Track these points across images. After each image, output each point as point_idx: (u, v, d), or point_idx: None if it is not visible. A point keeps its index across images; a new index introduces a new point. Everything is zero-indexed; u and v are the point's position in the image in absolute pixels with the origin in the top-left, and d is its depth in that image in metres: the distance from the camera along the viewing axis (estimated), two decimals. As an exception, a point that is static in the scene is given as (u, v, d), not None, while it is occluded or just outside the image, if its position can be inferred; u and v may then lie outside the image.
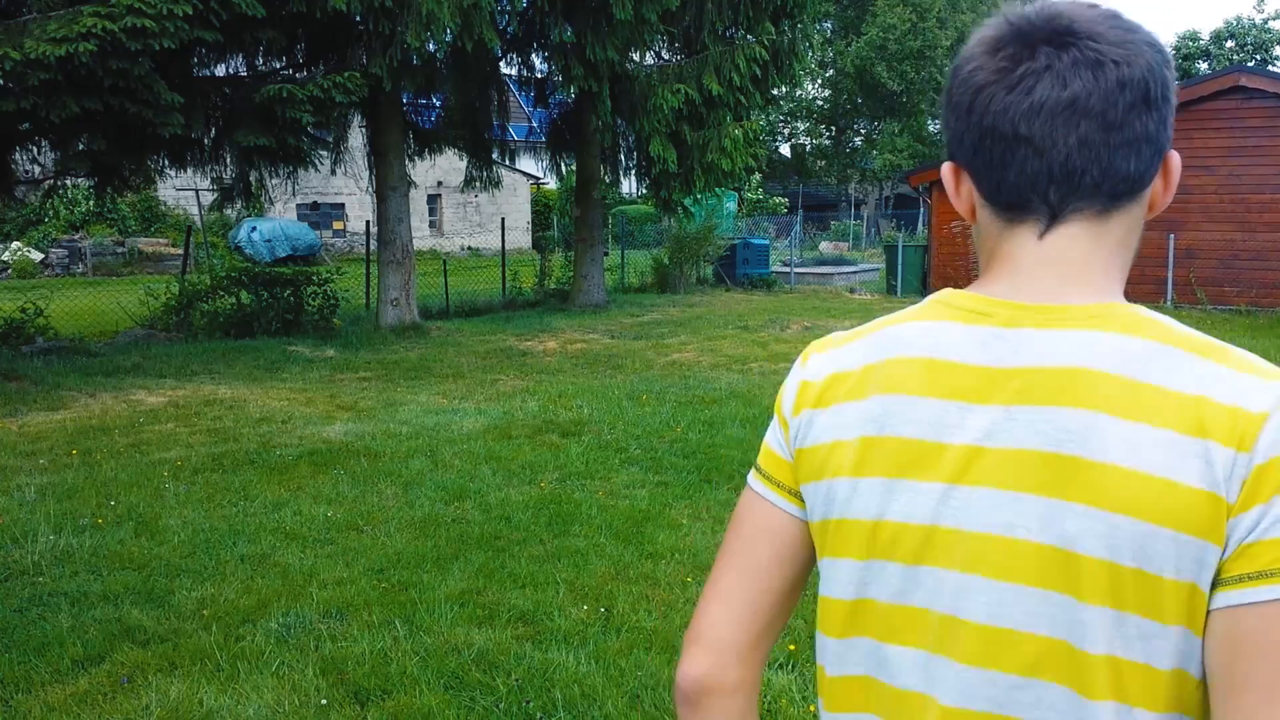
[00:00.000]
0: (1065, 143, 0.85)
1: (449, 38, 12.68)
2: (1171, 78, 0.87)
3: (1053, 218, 0.88)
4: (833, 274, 22.47)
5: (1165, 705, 0.81)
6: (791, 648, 3.77)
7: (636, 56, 15.22)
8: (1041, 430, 0.84)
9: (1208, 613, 0.79)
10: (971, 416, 0.87)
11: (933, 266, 18.56)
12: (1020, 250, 0.89)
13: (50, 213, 25.87)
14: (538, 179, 36.12)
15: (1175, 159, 0.91)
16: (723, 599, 0.99)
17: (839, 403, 0.95)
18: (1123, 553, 0.80)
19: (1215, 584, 0.79)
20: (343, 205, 32.50)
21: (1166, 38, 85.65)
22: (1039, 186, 0.87)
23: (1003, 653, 0.85)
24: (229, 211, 17.24)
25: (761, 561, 0.99)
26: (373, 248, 15.58)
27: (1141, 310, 0.86)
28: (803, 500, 0.98)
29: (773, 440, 1.02)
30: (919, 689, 0.89)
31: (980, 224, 0.93)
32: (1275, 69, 32.80)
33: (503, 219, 23.85)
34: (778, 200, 38.08)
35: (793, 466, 0.99)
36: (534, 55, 16.36)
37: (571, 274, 17.69)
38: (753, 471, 1.04)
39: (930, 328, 0.92)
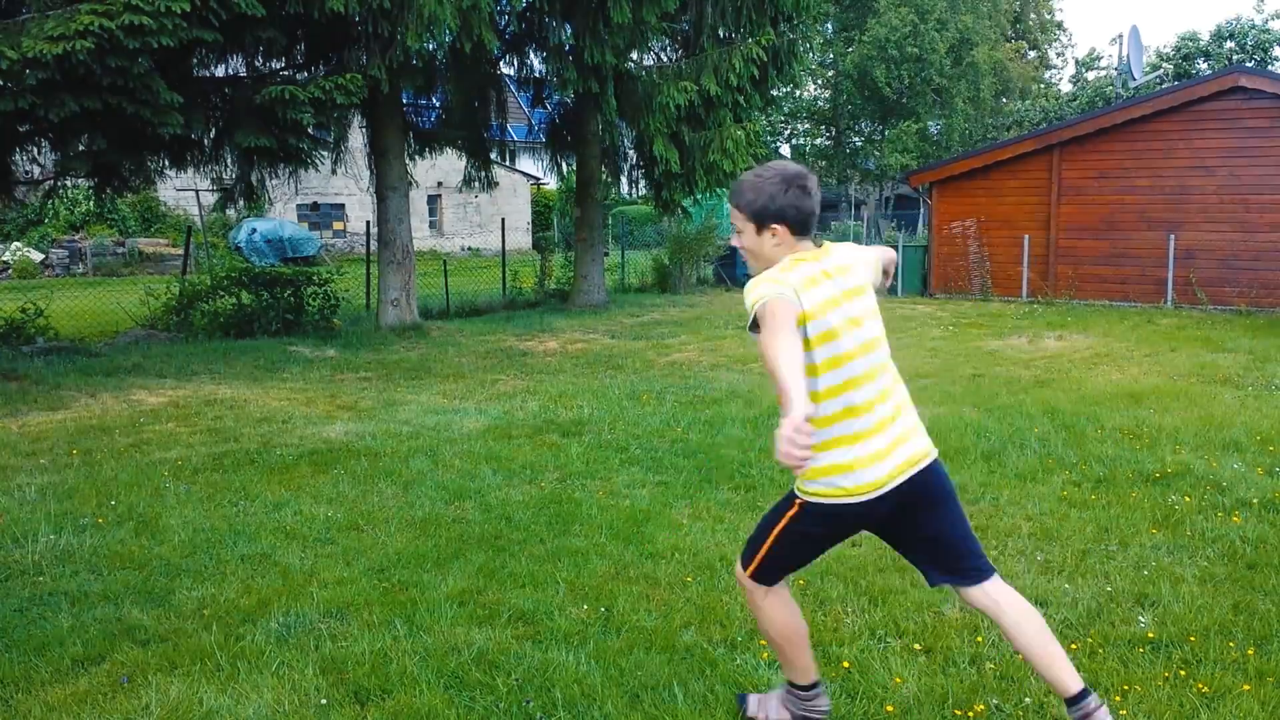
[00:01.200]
0: (816, 213, 2.82)
1: (448, 38, 12.67)
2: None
3: (811, 235, 2.83)
4: (833, 274, 22.43)
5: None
6: (791, 648, 3.77)
7: (636, 57, 15.20)
8: (840, 285, 2.79)
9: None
10: (824, 286, 2.76)
11: (933, 266, 18.54)
12: (806, 246, 2.82)
13: (50, 213, 25.86)
14: (538, 179, 36.12)
15: None
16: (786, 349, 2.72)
17: (802, 293, 2.69)
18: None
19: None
20: (343, 205, 32.51)
21: (1166, 38, 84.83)
22: (812, 227, 2.83)
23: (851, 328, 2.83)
24: (230, 212, 17.23)
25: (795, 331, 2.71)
26: (373, 248, 15.57)
27: (831, 242, 2.90)
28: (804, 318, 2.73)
29: (784, 302, 2.61)
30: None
31: (782, 240, 2.80)
32: (1275, 69, 32.79)
33: (503, 219, 23.86)
34: (778, 201, 37.90)
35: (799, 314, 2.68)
36: (533, 56, 16.36)
37: (571, 274, 17.67)
38: (778, 304, 2.61)
39: (809, 264, 2.76)
